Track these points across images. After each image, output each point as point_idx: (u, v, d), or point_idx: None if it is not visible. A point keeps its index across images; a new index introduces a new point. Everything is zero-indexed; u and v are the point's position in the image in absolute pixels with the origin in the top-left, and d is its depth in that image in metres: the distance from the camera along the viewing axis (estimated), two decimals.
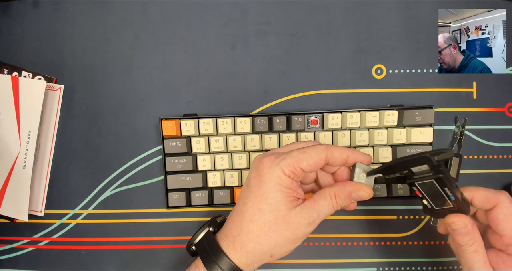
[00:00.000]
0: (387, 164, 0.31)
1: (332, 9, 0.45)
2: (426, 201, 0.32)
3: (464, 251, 0.31)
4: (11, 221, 0.46)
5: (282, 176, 0.31)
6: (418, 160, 0.29)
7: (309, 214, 0.31)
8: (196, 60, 0.45)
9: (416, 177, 0.30)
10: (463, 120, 0.45)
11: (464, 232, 0.31)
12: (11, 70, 0.45)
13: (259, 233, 0.31)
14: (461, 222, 0.31)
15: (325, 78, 0.45)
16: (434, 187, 0.30)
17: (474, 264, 0.31)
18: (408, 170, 0.30)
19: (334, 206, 0.32)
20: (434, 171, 0.30)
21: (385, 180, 0.33)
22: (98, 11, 0.45)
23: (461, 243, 0.31)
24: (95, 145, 0.45)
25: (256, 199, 0.31)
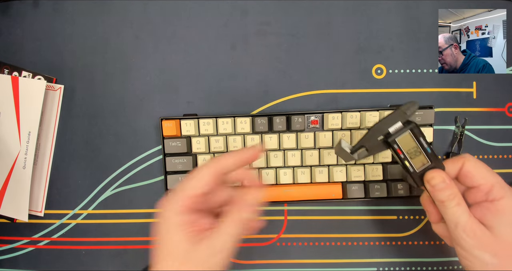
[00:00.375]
0: (365, 134, 0.34)
1: (332, 9, 0.45)
2: (408, 163, 0.34)
3: (446, 207, 0.32)
4: (11, 221, 0.46)
5: (174, 216, 0.29)
6: (392, 117, 0.33)
7: (216, 244, 0.29)
8: (196, 60, 0.45)
9: (395, 135, 0.33)
10: (463, 120, 0.45)
11: (443, 186, 0.32)
12: (11, 70, 0.45)
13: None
14: (439, 177, 0.32)
15: (325, 78, 0.45)
16: (411, 141, 0.33)
17: (459, 217, 0.31)
18: (386, 132, 0.34)
19: (239, 228, 0.30)
20: (407, 123, 0.33)
21: (367, 151, 0.35)
22: (98, 11, 0.45)
23: (443, 199, 0.32)
24: (95, 145, 0.45)
25: (161, 250, 0.29)
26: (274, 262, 0.45)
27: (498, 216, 0.31)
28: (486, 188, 0.32)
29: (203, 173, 0.30)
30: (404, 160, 0.34)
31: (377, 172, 0.43)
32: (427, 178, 0.33)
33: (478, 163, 0.33)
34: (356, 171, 0.43)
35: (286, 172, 0.43)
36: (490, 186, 0.32)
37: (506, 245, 0.30)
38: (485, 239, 0.31)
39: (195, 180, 0.30)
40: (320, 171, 0.43)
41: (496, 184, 0.32)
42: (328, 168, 0.43)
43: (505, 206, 0.31)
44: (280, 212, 0.45)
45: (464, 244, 0.31)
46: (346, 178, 0.43)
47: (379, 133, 0.34)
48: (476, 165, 0.33)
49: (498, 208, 0.31)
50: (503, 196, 0.32)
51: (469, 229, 0.31)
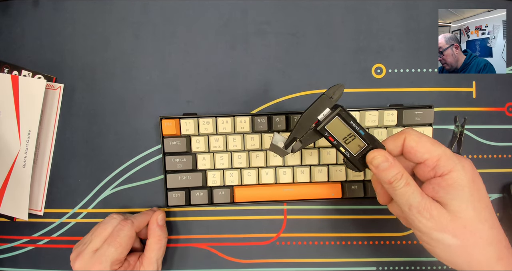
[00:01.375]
0: (295, 125, 0.33)
1: (332, 8, 0.45)
2: (343, 149, 0.33)
3: (395, 188, 0.30)
4: (11, 220, 0.46)
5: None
6: (318, 104, 0.32)
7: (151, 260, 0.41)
8: (196, 59, 0.45)
9: (323, 122, 0.32)
10: (463, 120, 0.45)
11: (387, 165, 0.30)
12: (11, 69, 0.45)
13: None
14: (381, 156, 0.30)
15: (324, 77, 0.45)
16: (341, 125, 0.32)
17: (410, 198, 0.29)
18: (315, 120, 0.33)
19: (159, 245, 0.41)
20: (334, 108, 0.32)
21: (301, 143, 0.34)
22: (98, 10, 0.45)
23: (390, 179, 0.30)
24: (95, 144, 0.46)
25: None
26: (274, 261, 0.45)
27: (450, 191, 0.29)
28: (432, 162, 0.30)
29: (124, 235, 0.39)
30: (338, 146, 0.33)
31: None
32: (368, 159, 0.31)
33: (420, 136, 0.30)
34: None
35: (285, 171, 0.43)
36: (436, 159, 0.30)
37: (464, 222, 0.28)
38: (442, 219, 0.29)
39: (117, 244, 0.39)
40: (320, 170, 0.43)
41: (443, 156, 0.29)
42: (327, 167, 0.43)
43: (456, 179, 0.29)
44: (279, 211, 0.45)
45: (421, 226, 0.29)
46: (346, 177, 0.43)
47: (309, 123, 0.33)
48: (419, 139, 0.30)
49: (449, 182, 0.29)
50: (452, 169, 0.29)
51: (424, 210, 0.29)
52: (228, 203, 0.44)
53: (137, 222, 0.41)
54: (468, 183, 0.29)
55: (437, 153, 0.30)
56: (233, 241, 0.46)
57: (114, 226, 0.40)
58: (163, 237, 0.42)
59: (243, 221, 0.46)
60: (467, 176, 0.29)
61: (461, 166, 0.29)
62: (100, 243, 0.39)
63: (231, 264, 0.46)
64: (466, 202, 0.29)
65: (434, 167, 0.30)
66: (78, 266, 0.38)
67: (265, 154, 0.43)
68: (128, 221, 0.40)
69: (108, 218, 0.41)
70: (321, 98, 0.32)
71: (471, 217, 0.28)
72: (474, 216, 0.28)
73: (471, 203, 0.29)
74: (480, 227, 0.29)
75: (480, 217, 0.29)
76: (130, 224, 0.40)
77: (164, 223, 0.43)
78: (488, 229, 0.29)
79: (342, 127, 0.32)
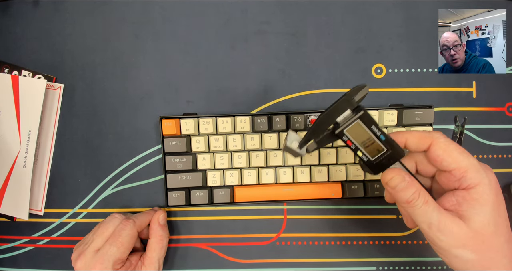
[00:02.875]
0: (313, 125, 0.31)
1: (332, 8, 0.45)
2: (361, 153, 0.31)
3: (414, 207, 0.29)
4: (11, 220, 0.46)
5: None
6: (339, 106, 0.30)
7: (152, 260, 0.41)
8: (196, 59, 0.45)
9: (343, 125, 0.30)
10: (463, 119, 0.45)
11: (405, 186, 0.29)
12: (11, 69, 0.45)
13: None
14: (398, 177, 0.29)
15: (324, 77, 0.45)
16: (361, 130, 0.30)
17: (429, 216, 0.28)
18: (333, 122, 0.31)
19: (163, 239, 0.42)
20: (356, 111, 0.30)
21: (316, 144, 0.32)
22: (98, 10, 0.45)
23: (408, 199, 0.29)
24: (95, 143, 0.46)
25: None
26: (274, 261, 0.45)
27: (475, 206, 0.28)
28: (459, 173, 0.29)
29: (130, 233, 0.40)
30: (356, 150, 0.31)
31: None
32: (385, 181, 0.30)
33: (448, 144, 0.29)
34: (355, 170, 0.43)
35: (285, 171, 0.43)
36: (463, 171, 0.28)
37: (483, 237, 0.28)
38: (462, 235, 0.28)
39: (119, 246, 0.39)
40: (320, 170, 0.43)
41: (471, 169, 0.28)
42: (327, 167, 0.43)
43: (482, 194, 0.28)
44: (279, 211, 0.45)
45: (441, 244, 0.28)
46: (346, 177, 0.43)
47: (327, 125, 0.31)
48: (446, 147, 0.29)
49: (474, 196, 0.28)
50: (479, 183, 0.28)
51: (444, 228, 0.28)
52: (228, 203, 0.44)
53: (139, 221, 0.41)
54: (493, 199, 0.28)
55: (464, 163, 0.29)
56: (233, 241, 0.46)
57: (116, 225, 0.40)
58: (165, 236, 0.42)
59: (243, 221, 0.46)
60: (492, 191, 0.28)
61: (488, 180, 0.28)
62: (102, 243, 0.39)
63: (231, 264, 0.46)
64: (489, 217, 0.28)
65: (460, 178, 0.29)
66: (79, 266, 0.38)
67: (265, 153, 0.43)
68: (130, 220, 0.40)
69: (109, 218, 0.41)
70: (343, 99, 0.30)
71: (490, 232, 0.28)
72: (494, 231, 0.28)
73: (493, 218, 0.28)
74: (496, 241, 0.28)
75: (498, 232, 0.28)
76: (132, 223, 0.40)
77: (166, 223, 0.43)
78: (504, 242, 0.29)
79: (363, 131, 0.30)
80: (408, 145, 0.31)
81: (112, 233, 0.39)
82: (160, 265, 0.41)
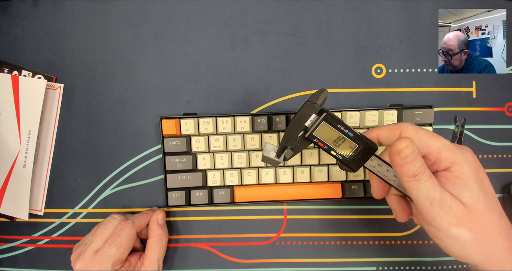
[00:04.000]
0: (284, 134, 0.33)
1: (332, 8, 0.45)
2: (334, 152, 0.33)
3: (419, 181, 0.27)
4: (11, 219, 0.46)
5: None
6: (304, 111, 0.32)
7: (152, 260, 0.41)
8: (196, 59, 0.45)
9: (311, 129, 0.32)
10: (463, 119, 0.45)
11: (414, 156, 0.27)
12: (11, 69, 0.45)
13: None
14: (412, 146, 0.27)
15: (324, 77, 0.45)
16: (329, 130, 0.32)
17: (432, 191, 0.27)
18: (302, 128, 0.32)
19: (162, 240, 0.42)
20: (320, 114, 0.32)
21: (292, 150, 0.34)
22: (98, 10, 0.45)
23: (415, 172, 0.27)
24: (95, 143, 0.46)
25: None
26: (274, 261, 0.45)
27: (458, 182, 0.28)
28: (433, 156, 0.29)
29: (130, 231, 0.40)
30: (329, 150, 0.33)
31: None
32: (398, 148, 0.27)
33: (417, 130, 0.30)
34: None
35: (285, 171, 0.43)
36: (437, 153, 0.29)
37: (477, 214, 0.28)
38: (460, 212, 0.27)
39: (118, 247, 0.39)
40: (320, 170, 0.43)
41: (443, 149, 0.29)
42: (327, 167, 0.43)
43: (462, 170, 0.28)
44: (279, 211, 0.45)
45: (441, 222, 0.28)
46: (346, 177, 0.43)
47: (297, 131, 0.33)
48: (415, 133, 0.29)
49: (456, 174, 0.28)
50: (455, 161, 0.28)
51: (444, 204, 0.27)
52: (228, 203, 0.44)
53: (138, 221, 0.41)
54: (474, 174, 0.28)
55: (436, 146, 0.29)
56: (233, 241, 0.46)
57: (115, 226, 0.40)
58: (164, 236, 0.42)
59: (243, 221, 0.46)
60: (471, 167, 0.28)
61: (463, 157, 0.29)
62: (101, 244, 0.39)
63: (231, 264, 0.46)
64: (476, 192, 0.28)
65: (436, 161, 0.29)
66: (79, 266, 0.38)
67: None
68: (129, 221, 0.40)
69: (108, 218, 0.41)
70: (306, 105, 0.32)
71: (482, 208, 0.28)
72: (485, 207, 0.28)
73: (481, 193, 0.28)
74: (490, 218, 0.28)
75: (489, 208, 0.28)
76: (131, 224, 0.40)
77: (165, 223, 0.43)
78: (497, 219, 0.29)
79: (331, 131, 0.32)
80: (381, 140, 0.32)
81: (111, 234, 0.39)
82: (160, 265, 0.41)
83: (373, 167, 0.33)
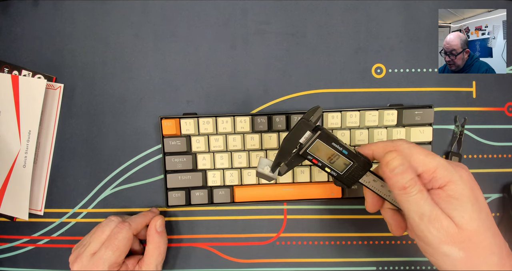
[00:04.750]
0: (279, 149, 0.33)
1: (332, 8, 0.45)
2: (328, 169, 0.33)
3: (409, 194, 0.28)
4: (11, 219, 0.46)
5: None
6: (299, 128, 0.32)
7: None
8: (196, 59, 0.45)
9: (305, 146, 0.32)
10: (463, 119, 0.45)
11: (403, 169, 0.28)
12: (11, 69, 0.45)
13: None
14: (399, 158, 0.28)
15: (324, 77, 0.45)
16: (324, 147, 0.32)
17: (422, 206, 0.28)
18: (297, 144, 0.33)
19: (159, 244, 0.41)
20: (315, 131, 0.32)
21: (287, 166, 0.34)
22: (98, 10, 0.45)
23: (405, 185, 0.28)
24: (95, 143, 0.46)
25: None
26: (274, 261, 0.45)
27: (452, 202, 0.28)
28: (428, 175, 0.29)
29: (128, 234, 0.39)
30: (324, 167, 0.33)
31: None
32: (384, 161, 0.29)
33: (412, 148, 0.30)
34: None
35: None
36: (432, 171, 0.29)
37: (469, 233, 0.27)
38: (451, 230, 0.27)
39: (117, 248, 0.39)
40: (320, 170, 0.43)
41: (439, 168, 0.29)
42: None
43: (456, 189, 0.28)
44: (279, 211, 0.45)
45: (431, 238, 0.28)
46: None
47: (292, 147, 0.33)
48: (411, 151, 0.29)
49: (450, 193, 0.28)
50: (450, 179, 0.28)
51: (435, 220, 0.27)
52: (228, 203, 0.44)
53: (135, 224, 0.41)
54: (468, 193, 0.28)
55: (432, 164, 0.29)
56: (233, 241, 0.46)
57: (112, 228, 0.40)
58: (163, 243, 0.42)
59: (243, 221, 0.46)
60: (466, 186, 0.28)
61: (458, 176, 0.29)
62: (98, 246, 0.39)
63: (231, 264, 0.46)
64: (469, 212, 0.28)
65: (431, 180, 0.29)
66: (76, 268, 0.38)
67: (265, 153, 0.43)
68: (126, 223, 0.40)
69: (106, 221, 0.41)
70: (301, 122, 0.32)
71: (475, 228, 0.28)
72: (478, 226, 0.28)
73: (474, 213, 0.28)
74: (483, 238, 0.28)
75: (483, 227, 0.28)
76: (127, 226, 0.40)
77: (163, 229, 0.43)
78: (491, 238, 0.28)
79: (325, 149, 0.32)
80: (376, 156, 0.32)
81: (108, 237, 0.39)
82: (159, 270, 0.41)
83: (368, 182, 0.33)
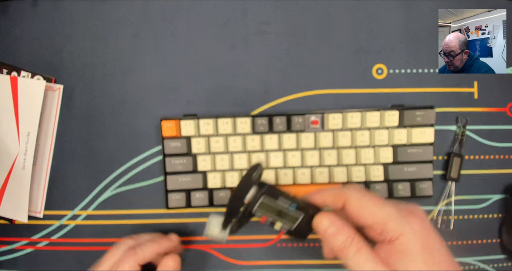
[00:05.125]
0: (227, 207, 0.33)
1: (332, 9, 0.45)
2: (279, 225, 0.32)
3: (347, 254, 0.27)
4: (10, 222, 0.46)
5: None
6: (242, 187, 0.31)
7: None
8: (196, 60, 0.45)
9: (252, 205, 0.31)
10: (464, 120, 0.45)
11: (335, 230, 0.28)
12: (10, 70, 0.45)
13: None
14: (327, 220, 0.28)
15: (325, 78, 0.45)
16: (271, 203, 0.31)
17: (364, 266, 0.27)
18: (242, 203, 0.32)
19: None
20: (260, 187, 0.31)
21: (237, 224, 0.33)
22: (97, 10, 0.45)
23: (340, 245, 0.27)
24: (95, 145, 0.45)
25: None
26: (275, 263, 0.45)
27: (402, 258, 0.27)
28: (379, 227, 0.28)
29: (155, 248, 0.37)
30: (274, 223, 0.32)
31: (378, 172, 0.43)
32: (314, 224, 0.29)
33: (360, 199, 0.29)
34: (357, 171, 0.43)
35: (286, 172, 0.43)
36: (382, 224, 0.28)
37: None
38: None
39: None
40: (321, 172, 0.43)
41: (389, 221, 0.28)
42: (328, 168, 0.43)
43: (406, 244, 0.27)
44: None
45: None
46: (347, 178, 0.43)
47: (238, 206, 0.32)
48: (360, 203, 0.29)
49: (399, 248, 0.27)
50: (401, 233, 0.27)
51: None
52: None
53: (143, 253, 0.37)
54: (420, 247, 0.27)
55: (381, 216, 0.28)
56: (234, 243, 0.45)
57: (115, 261, 0.37)
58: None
59: None
60: (418, 239, 0.27)
61: (409, 228, 0.28)
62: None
63: (232, 266, 0.45)
64: (420, 267, 0.27)
65: (381, 232, 0.28)
66: None
67: (265, 155, 0.43)
68: (132, 252, 0.37)
69: (117, 244, 0.38)
70: (244, 179, 0.31)
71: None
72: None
73: (426, 266, 0.27)
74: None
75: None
76: (133, 257, 0.36)
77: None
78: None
79: (272, 205, 0.31)
80: (327, 205, 0.31)
81: (110, 267, 0.36)
82: None
83: None
